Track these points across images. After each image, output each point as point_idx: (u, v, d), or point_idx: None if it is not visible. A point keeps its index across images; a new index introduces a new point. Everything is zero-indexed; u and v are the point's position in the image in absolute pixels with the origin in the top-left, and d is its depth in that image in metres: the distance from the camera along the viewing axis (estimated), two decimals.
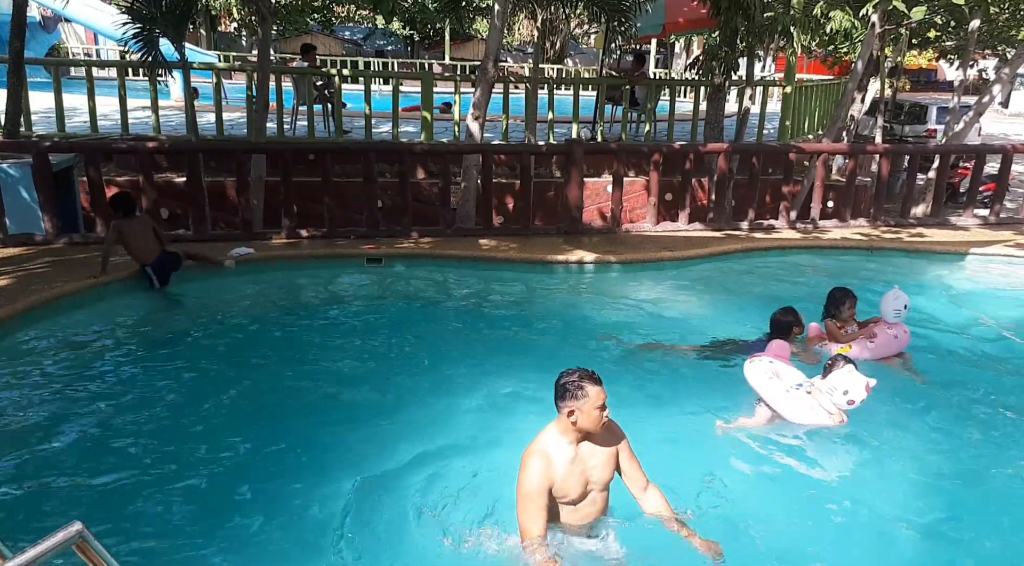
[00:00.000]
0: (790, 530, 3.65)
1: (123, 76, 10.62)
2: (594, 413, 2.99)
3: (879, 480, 4.05)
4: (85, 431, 4.37)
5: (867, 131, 14.90)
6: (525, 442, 3.18)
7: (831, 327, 5.43)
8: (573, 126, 11.34)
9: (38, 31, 18.50)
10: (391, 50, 34.28)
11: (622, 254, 7.65)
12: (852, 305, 5.41)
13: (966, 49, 12.49)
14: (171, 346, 5.67)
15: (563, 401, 3.01)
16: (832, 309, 5.44)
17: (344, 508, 3.67)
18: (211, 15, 28.07)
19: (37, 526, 3.45)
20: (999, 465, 4.26)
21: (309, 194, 8.26)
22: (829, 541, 3.57)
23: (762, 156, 9.56)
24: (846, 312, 5.40)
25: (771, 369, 4.48)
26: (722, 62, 10.28)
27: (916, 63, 34.53)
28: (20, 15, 8.36)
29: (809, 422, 4.29)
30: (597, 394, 2.98)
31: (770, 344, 4.81)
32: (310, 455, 4.15)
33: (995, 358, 5.74)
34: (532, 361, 5.30)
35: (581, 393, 2.98)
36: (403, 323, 6.30)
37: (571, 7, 12.02)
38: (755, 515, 3.66)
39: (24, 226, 7.42)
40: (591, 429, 3.04)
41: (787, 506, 3.83)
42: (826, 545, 3.53)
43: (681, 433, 4.40)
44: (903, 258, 8.25)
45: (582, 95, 11.91)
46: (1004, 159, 9.54)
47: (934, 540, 3.61)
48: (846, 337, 5.39)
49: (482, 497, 3.72)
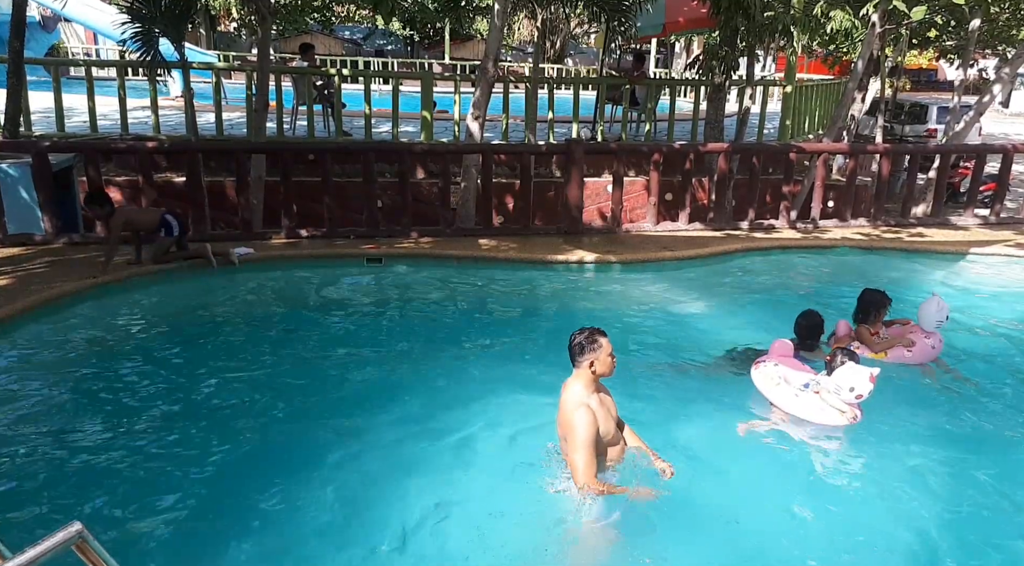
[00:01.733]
0: (814, 528, 3.65)
1: (123, 76, 10.61)
2: (608, 359, 3.55)
3: (889, 480, 4.05)
4: (85, 431, 4.37)
5: (867, 131, 14.90)
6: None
7: (864, 333, 5.17)
8: (573, 126, 11.34)
9: (38, 31, 18.48)
10: (391, 50, 34.27)
11: (622, 254, 7.65)
12: (887, 309, 5.17)
13: (966, 49, 12.48)
14: (171, 346, 5.66)
15: (582, 356, 3.54)
16: (866, 313, 5.16)
17: (344, 506, 3.68)
18: (211, 15, 28.06)
19: (37, 526, 3.45)
20: (1004, 462, 4.26)
21: (309, 194, 8.26)
22: (845, 541, 3.57)
23: (762, 156, 9.56)
24: (879, 316, 5.16)
25: (777, 373, 4.48)
26: (722, 62, 10.28)
27: (916, 63, 34.53)
28: (20, 15, 8.35)
29: (822, 423, 4.30)
30: (607, 343, 3.58)
31: (773, 345, 4.79)
32: (310, 454, 4.14)
33: (995, 358, 5.73)
34: (532, 361, 5.31)
35: (596, 345, 3.54)
36: (403, 323, 6.30)
37: (571, 7, 12.04)
38: (782, 511, 3.69)
39: (24, 226, 7.41)
40: (607, 374, 3.59)
41: (816, 503, 3.83)
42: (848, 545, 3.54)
43: (702, 435, 4.40)
44: (903, 258, 8.25)
45: (582, 95, 11.91)
46: (1004, 159, 9.54)
47: (941, 537, 3.61)
48: (880, 343, 5.17)
49: (483, 495, 3.72)
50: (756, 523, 3.65)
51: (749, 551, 3.47)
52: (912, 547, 3.54)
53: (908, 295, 7.17)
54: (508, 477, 3.89)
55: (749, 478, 4.03)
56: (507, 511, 3.61)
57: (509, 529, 3.50)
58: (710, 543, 3.50)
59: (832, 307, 6.78)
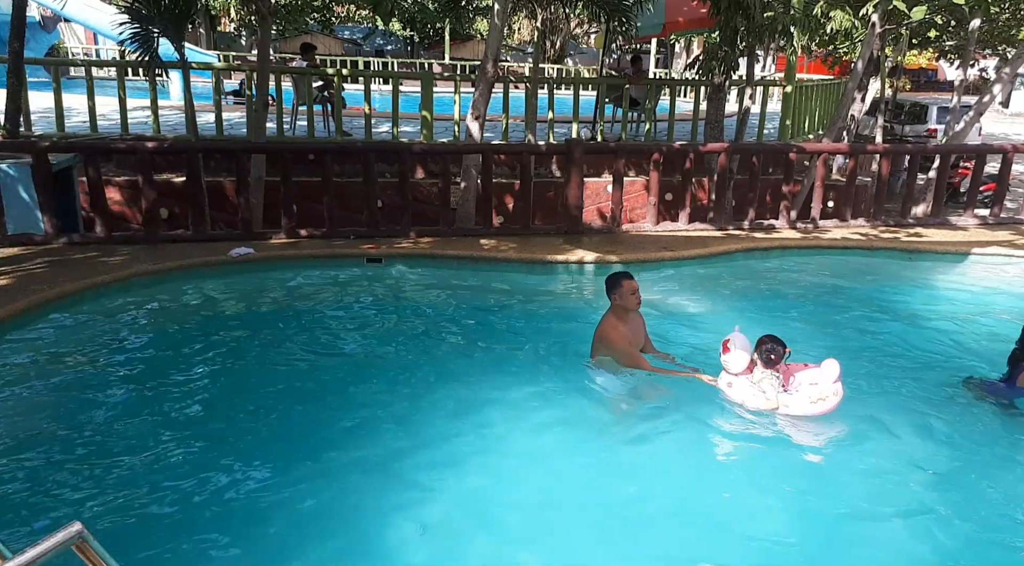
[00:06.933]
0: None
1: (122, 76, 10.61)
2: (629, 296, 4.73)
3: (882, 479, 4.06)
4: (84, 431, 4.36)
5: (867, 131, 14.90)
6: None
7: None
8: (573, 126, 11.34)
9: (38, 31, 18.49)
10: (391, 50, 34.30)
11: (622, 254, 7.65)
12: None
13: (966, 49, 12.48)
14: (170, 346, 5.65)
15: (610, 292, 4.80)
16: None
17: (344, 506, 3.67)
18: (211, 15, 28.08)
19: (37, 526, 3.45)
20: (999, 463, 4.26)
21: (309, 194, 8.26)
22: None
23: (762, 156, 9.56)
24: None
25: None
26: (722, 62, 10.28)
27: (916, 63, 34.54)
28: (20, 15, 8.35)
29: (750, 406, 4.47)
30: (628, 284, 4.73)
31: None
32: (310, 454, 4.14)
33: (995, 358, 5.72)
34: (532, 360, 5.30)
35: (618, 286, 4.76)
36: (403, 322, 6.30)
37: (571, 7, 12.02)
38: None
39: (23, 226, 7.41)
40: (629, 307, 4.76)
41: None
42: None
43: (702, 435, 4.42)
44: (903, 258, 8.25)
45: (582, 95, 11.91)
46: (1004, 159, 9.54)
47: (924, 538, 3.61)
48: None
49: (485, 493, 3.72)
50: (767, 525, 3.65)
51: (750, 549, 3.48)
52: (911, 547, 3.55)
53: (907, 296, 7.20)
54: (508, 476, 3.89)
55: (747, 478, 4.03)
56: (507, 511, 3.61)
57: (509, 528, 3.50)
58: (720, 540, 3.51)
59: (832, 307, 6.81)
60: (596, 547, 3.47)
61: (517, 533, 3.57)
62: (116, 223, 8.23)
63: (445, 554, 3.41)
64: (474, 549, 3.44)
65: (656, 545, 3.50)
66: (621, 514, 3.65)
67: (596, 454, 4.23)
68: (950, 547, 3.53)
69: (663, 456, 4.21)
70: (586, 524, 3.63)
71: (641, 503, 3.81)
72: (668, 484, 3.98)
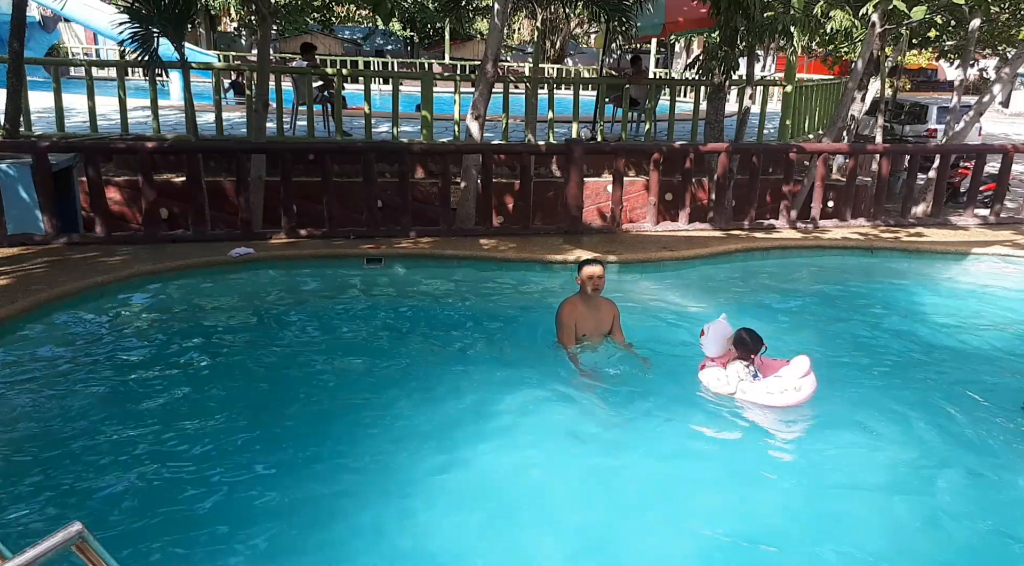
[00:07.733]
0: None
1: (123, 76, 10.62)
2: (586, 280, 5.21)
3: (882, 477, 4.06)
4: (84, 431, 4.36)
5: (867, 131, 14.91)
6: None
7: None
8: (573, 126, 11.34)
9: (38, 31, 18.52)
10: (391, 50, 34.30)
11: (622, 254, 7.65)
12: None
13: (966, 49, 12.49)
14: (170, 347, 5.65)
15: (576, 275, 5.30)
16: None
17: (344, 507, 3.67)
18: (211, 15, 28.09)
19: (37, 526, 3.44)
20: (997, 465, 4.26)
21: (309, 194, 8.26)
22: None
23: (762, 155, 9.56)
24: None
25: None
26: (722, 62, 10.28)
27: (916, 63, 34.54)
28: (20, 15, 8.36)
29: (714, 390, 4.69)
30: (586, 270, 5.24)
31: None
32: (310, 454, 4.14)
33: (995, 358, 5.73)
34: (531, 360, 5.30)
35: (579, 270, 5.28)
36: (403, 322, 6.30)
37: (571, 7, 12.03)
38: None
39: (23, 226, 7.41)
40: (588, 290, 5.22)
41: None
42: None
43: (700, 434, 4.41)
44: (903, 258, 8.25)
45: (582, 95, 11.91)
46: (1004, 159, 9.54)
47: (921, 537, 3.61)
48: None
49: (486, 493, 3.72)
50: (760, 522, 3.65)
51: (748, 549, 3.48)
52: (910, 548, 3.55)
53: (907, 296, 7.21)
54: (508, 475, 3.89)
55: (748, 475, 4.04)
56: (503, 510, 3.61)
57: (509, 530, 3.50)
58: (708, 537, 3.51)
59: (832, 307, 6.82)
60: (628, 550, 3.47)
61: (520, 528, 3.57)
62: (116, 223, 8.24)
63: (445, 554, 3.41)
64: (475, 549, 3.44)
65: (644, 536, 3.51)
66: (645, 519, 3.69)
67: (597, 454, 4.24)
68: (945, 542, 3.54)
69: (665, 455, 4.22)
70: (597, 523, 3.64)
71: (642, 505, 3.82)
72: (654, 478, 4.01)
